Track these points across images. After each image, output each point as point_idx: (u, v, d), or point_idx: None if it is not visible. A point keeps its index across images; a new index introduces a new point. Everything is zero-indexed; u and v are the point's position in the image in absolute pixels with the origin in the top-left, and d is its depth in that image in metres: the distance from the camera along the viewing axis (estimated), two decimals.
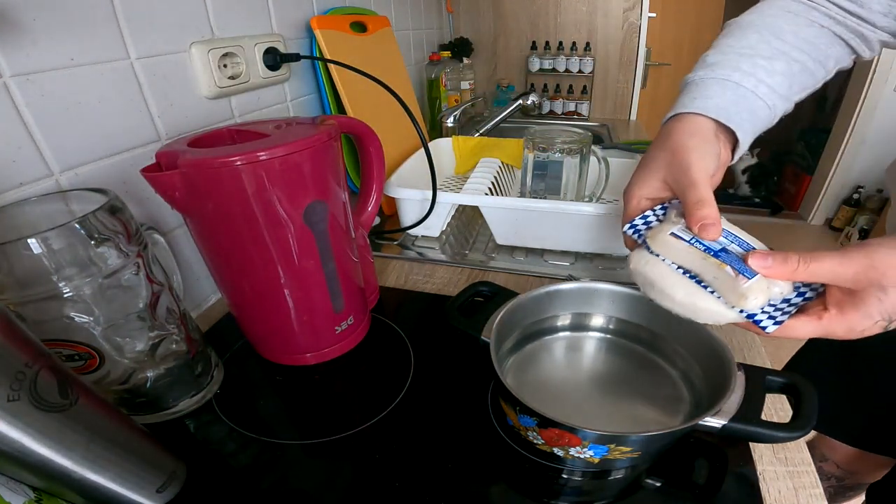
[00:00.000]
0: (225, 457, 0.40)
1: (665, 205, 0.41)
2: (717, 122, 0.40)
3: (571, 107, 1.53)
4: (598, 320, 0.48)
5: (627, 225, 0.41)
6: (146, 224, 0.44)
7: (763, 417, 0.34)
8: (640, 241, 0.39)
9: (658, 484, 0.37)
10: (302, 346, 0.48)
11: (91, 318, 0.34)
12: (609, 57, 1.49)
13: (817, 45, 0.44)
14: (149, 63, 0.47)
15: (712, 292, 0.34)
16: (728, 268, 0.33)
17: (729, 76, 0.41)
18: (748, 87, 0.41)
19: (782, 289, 0.33)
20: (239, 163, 0.35)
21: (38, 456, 0.27)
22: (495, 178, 0.77)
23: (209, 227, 0.41)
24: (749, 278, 0.32)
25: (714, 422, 0.33)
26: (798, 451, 0.39)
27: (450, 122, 1.11)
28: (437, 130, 1.22)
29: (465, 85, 1.28)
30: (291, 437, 0.42)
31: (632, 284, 0.42)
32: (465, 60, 1.37)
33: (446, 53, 1.27)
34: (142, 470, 0.33)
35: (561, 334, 0.49)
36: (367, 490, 0.37)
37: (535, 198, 0.74)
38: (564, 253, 0.69)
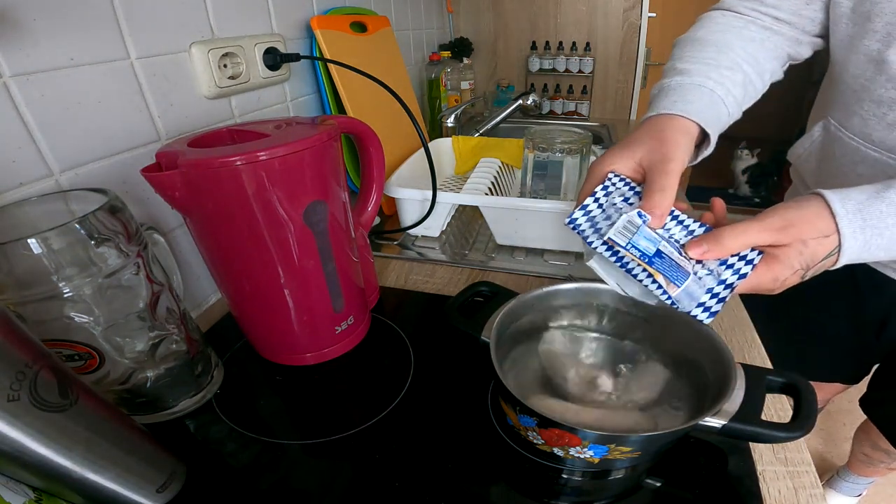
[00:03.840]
0: (225, 457, 0.40)
1: (607, 186, 0.42)
2: (697, 125, 0.43)
3: (571, 107, 1.53)
4: (597, 320, 0.48)
5: (568, 220, 0.42)
6: (146, 224, 0.44)
7: (763, 417, 0.34)
8: (581, 237, 0.42)
9: (658, 484, 0.37)
10: (302, 346, 0.48)
11: (91, 318, 0.34)
12: (609, 57, 1.49)
13: (758, 60, 0.49)
14: (149, 63, 0.47)
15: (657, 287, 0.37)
16: (661, 277, 0.36)
17: (703, 83, 0.45)
18: (720, 94, 0.45)
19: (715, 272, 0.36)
20: (239, 163, 0.35)
21: (38, 456, 0.27)
22: (495, 178, 0.77)
23: (209, 227, 0.41)
24: (678, 286, 0.36)
25: (714, 422, 0.33)
26: (798, 451, 0.39)
27: (450, 122, 1.11)
28: (437, 130, 1.22)
29: (465, 85, 1.28)
30: (291, 437, 0.42)
31: None
32: (465, 60, 1.37)
33: (446, 53, 1.27)
34: (142, 470, 0.33)
35: (561, 334, 0.49)
36: (367, 490, 0.37)
37: (535, 198, 0.74)
38: (564, 253, 0.69)
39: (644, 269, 0.37)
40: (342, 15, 0.77)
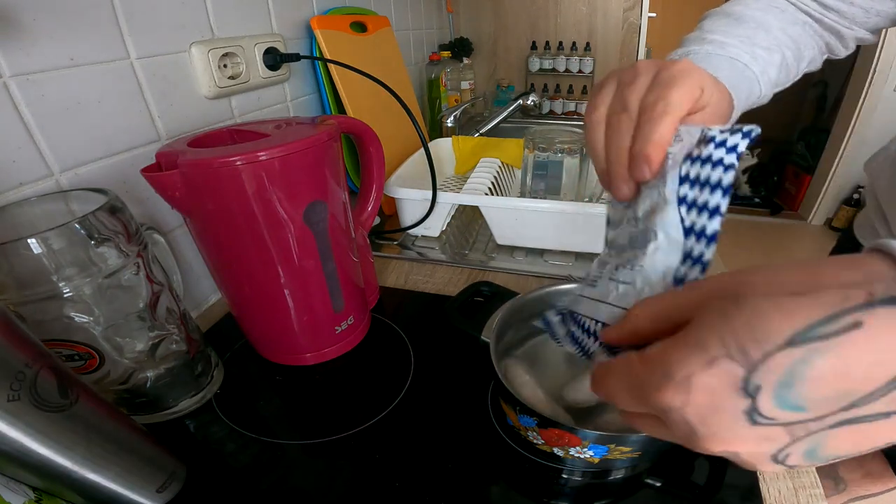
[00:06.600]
0: (225, 457, 0.40)
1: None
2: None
3: (571, 107, 1.53)
4: None
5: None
6: (146, 224, 0.44)
7: None
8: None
9: (658, 484, 0.37)
10: (302, 346, 0.48)
11: (91, 318, 0.34)
12: (609, 57, 1.49)
13: (799, 45, 0.44)
14: (149, 63, 0.47)
15: None
16: None
17: (739, 56, 0.40)
18: (756, 72, 0.41)
19: None
20: (239, 163, 0.35)
21: (38, 456, 0.27)
22: (495, 178, 0.77)
23: (209, 227, 0.41)
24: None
25: None
26: None
27: (450, 122, 1.11)
28: (437, 130, 1.22)
29: (465, 85, 1.28)
30: (291, 437, 0.42)
31: None
32: (465, 60, 1.37)
33: (446, 53, 1.26)
34: (142, 470, 0.33)
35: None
36: (367, 490, 0.37)
37: (535, 198, 0.74)
38: (564, 253, 0.69)
39: None
40: (342, 15, 0.77)
